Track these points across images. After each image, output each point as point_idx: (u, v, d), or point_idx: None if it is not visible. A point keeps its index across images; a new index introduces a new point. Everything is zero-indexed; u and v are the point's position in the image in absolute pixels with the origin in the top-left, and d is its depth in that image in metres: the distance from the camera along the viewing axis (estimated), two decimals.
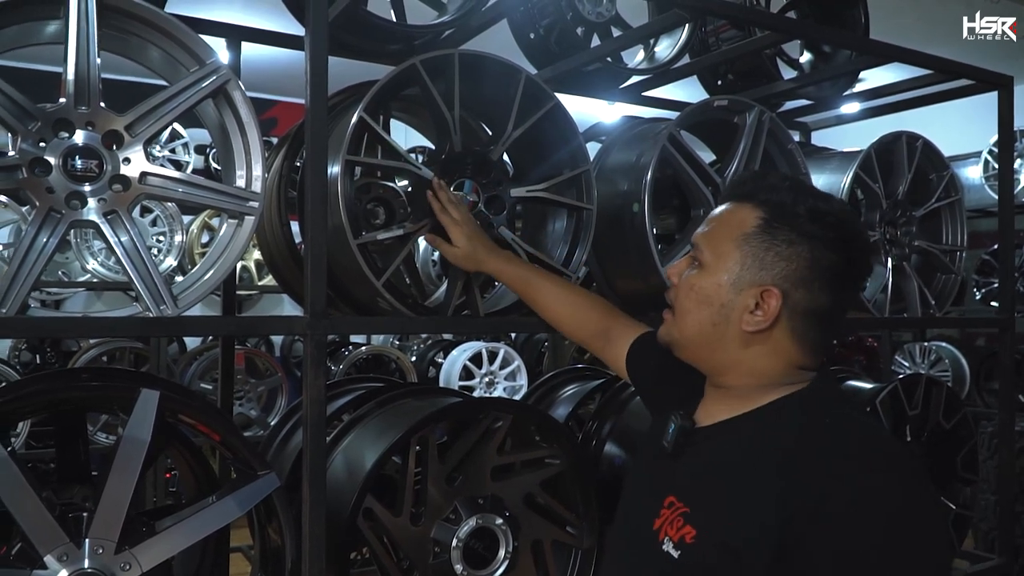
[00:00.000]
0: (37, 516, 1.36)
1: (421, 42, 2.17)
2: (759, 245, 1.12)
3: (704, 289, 1.16)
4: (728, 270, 1.14)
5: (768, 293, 1.11)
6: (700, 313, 1.16)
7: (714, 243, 1.16)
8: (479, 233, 1.68)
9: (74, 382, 1.73)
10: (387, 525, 1.73)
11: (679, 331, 1.20)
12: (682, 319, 1.19)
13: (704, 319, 1.16)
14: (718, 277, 1.14)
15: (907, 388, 2.42)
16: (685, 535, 1.08)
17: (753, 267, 1.12)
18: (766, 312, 1.11)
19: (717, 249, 1.15)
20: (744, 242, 1.13)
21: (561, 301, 1.62)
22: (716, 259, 1.15)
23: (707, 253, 1.17)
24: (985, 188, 5.68)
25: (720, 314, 1.14)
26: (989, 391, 5.88)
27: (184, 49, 1.54)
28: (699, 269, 1.17)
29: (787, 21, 2.64)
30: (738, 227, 1.14)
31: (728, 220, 1.16)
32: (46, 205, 1.42)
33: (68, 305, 6.05)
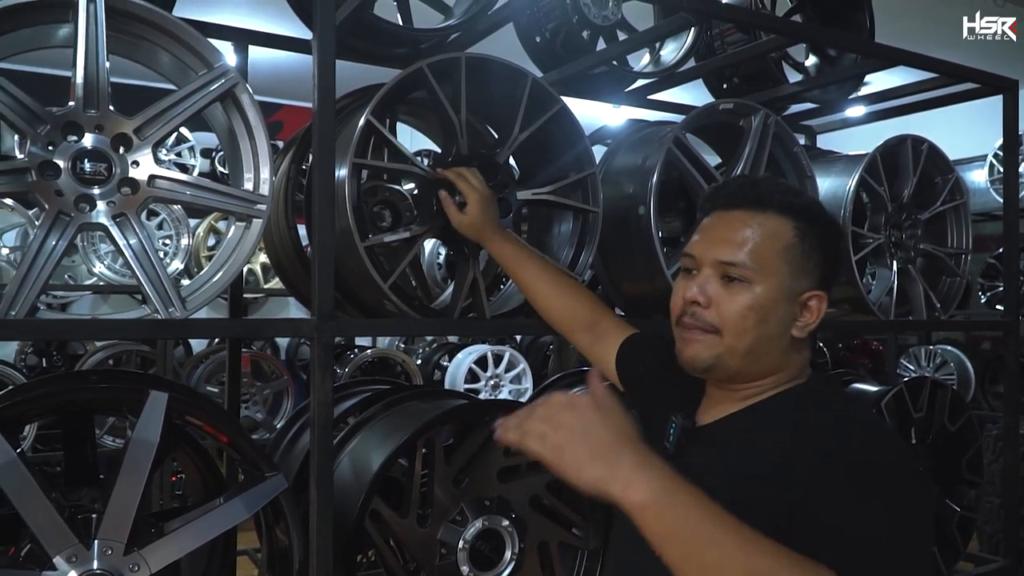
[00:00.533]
0: (46, 517, 1.37)
1: (427, 46, 2.17)
2: (800, 254, 1.16)
3: (764, 306, 1.15)
4: (779, 282, 1.15)
5: (818, 298, 1.17)
6: (761, 330, 1.16)
7: (760, 258, 1.16)
8: (491, 207, 1.67)
9: (83, 384, 1.74)
10: (394, 527, 1.73)
11: (730, 352, 1.17)
12: (740, 339, 1.16)
13: (764, 335, 1.16)
14: (773, 292, 1.15)
15: (912, 391, 2.42)
16: None
17: (799, 275, 1.16)
18: (816, 315, 1.17)
19: (764, 264, 1.15)
20: (786, 252, 1.16)
21: (552, 288, 1.61)
22: (764, 274, 1.15)
23: (753, 268, 1.16)
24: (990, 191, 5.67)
25: (779, 327, 1.16)
26: (994, 394, 5.87)
27: (193, 53, 1.55)
28: (746, 286, 1.16)
29: (792, 25, 2.65)
30: (777, 239, 1.16)
31: (763, 233, 1.17)
32: (55, 208, 1.42)
33: (74, 308, 6.07)
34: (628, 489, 0.90)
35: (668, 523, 0.89)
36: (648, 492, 0.90)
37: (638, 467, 0.91)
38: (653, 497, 0.90)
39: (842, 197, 2.26)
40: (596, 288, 2.42)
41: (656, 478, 0.91)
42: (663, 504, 0.90)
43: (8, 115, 1.38)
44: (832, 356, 6.10)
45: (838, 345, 6.34)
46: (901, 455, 1.05)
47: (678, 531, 0.89)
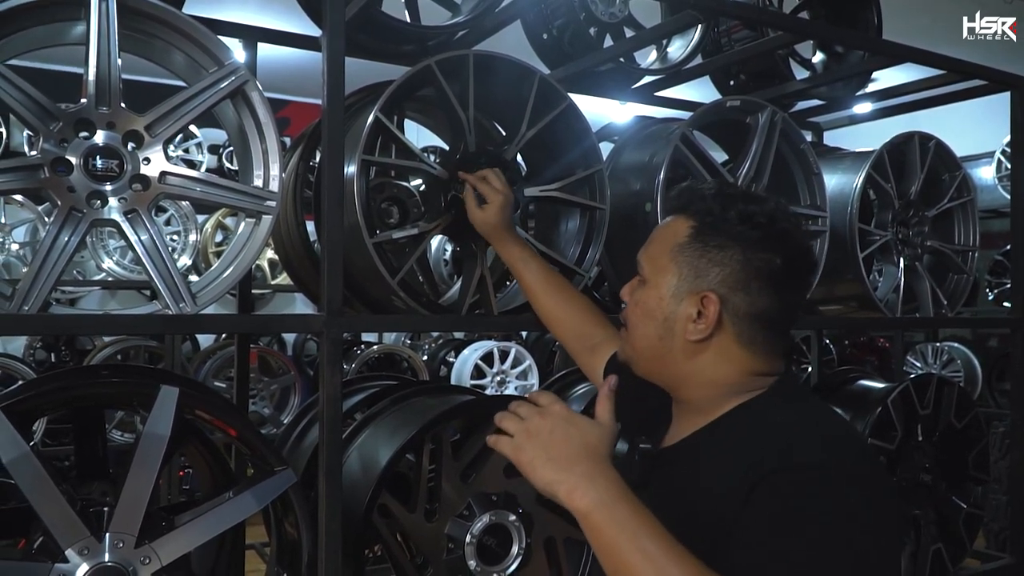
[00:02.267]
0: (59, 510, 1.39)
1: (435, 43, 2.18)
2: (692, 254, 1.13)
3: (647, 303, 1.17)
4: (667, 282, 1.15)
5: (706, 299, 1.11)
6: (646, 328, 1.17)
7: (652, 258, 1.18)
8: (509, 209, 1.68)
9: (95, 379, 1.76)
10: (402, 521, 1.74)
11: (631, 347, 1.22)
12: (632, 335, 1.21)
13: (650, 333, 1.17)
14: (659, 290, 1.15)
15: (919, 388, 2.42)
16: None
17: (689, 276, 1.13)
18: (707, 319, 1.11)
19: (655, 263, 1.17)
20: (679, 253, 1.14)
21: (552, 296, 1.63)
22: (655, 273, 1.17)
23: (647, 268, 1.18)
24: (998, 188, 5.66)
25: (664, 327, 1.15)
26: (1001, 391, 5.86)
27: (203, 50, 1.56)
28: (642, 285, 1.19)
29: (800, 22, 2.65)
30: (672, 239, 1.16)
31: (663, 234, 1.18)
32: (67, 204, 1.44)
33: (83, 303, 6.10)
34: (573, 495, 0.95)
35: (606, 533, 0.92)
36: (590, 500, 0.94)
37: (587, 476, 0.96)
38: (593, 506, 0.93)
39: (849, 194, 2.26)
40: (602, 284, 2.43)
41: (602, 488, 0.94)
42: (602, 514, 0.93)
43: (21, 112, 1.40)
44: (838, 353, 6.10)
45: (844, 342, 6.34)
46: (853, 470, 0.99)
47: (614, 542, 0.92)
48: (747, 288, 1.10)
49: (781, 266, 1.11)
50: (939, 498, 2.47)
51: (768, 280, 1.10)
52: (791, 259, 1.12)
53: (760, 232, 1.10)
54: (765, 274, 1.10)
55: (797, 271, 1.15)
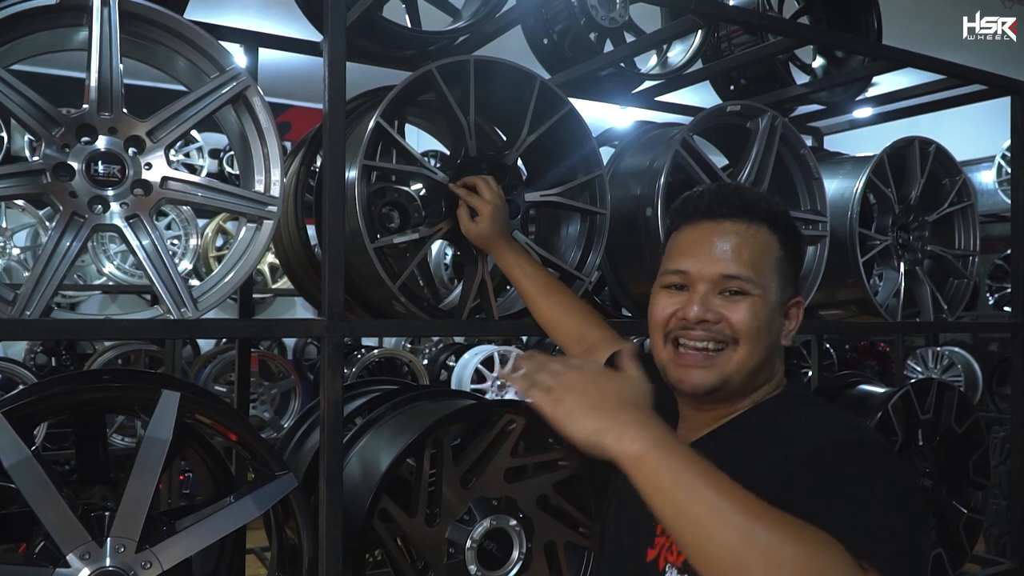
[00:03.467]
0: (60, 515, 1.38)
1: (436, 48, 2.19)
2: (787, 267, 1.19)
3: (767, 316, 1.16)
4: (772, 295, 1.17)
5: (798, 304, 1.20)
6: (766, 339, 1.17)
7: (758, 271, 1.16)
8: (501, 217, 1.69)
9: (96, 383, 1.76)
10: (402, 526, 1.74)
11: (741, 364, 1.16)
12: (755, 348, 1.16)
13: (768, 344, 1.17)
14: (768, 303, 1.16)
15: (919, 392, 2.42)
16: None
17: (783, 286, 1.19)
18: (796, 321, 1.20)
19: (763, 277, 1.16)
20: (778, 265, 1.18)
21: (548, 300, 1.65)
22: (764, 288, 1.16)
23: (755, 281, 1.16)
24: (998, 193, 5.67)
25: (774, 338, 1.18)
26: (1001, 396, 5.86)
27: (205, 56, 1.57)
28: (747, 299, 1.15)
29: (800, 27, 2.65)
30: (770, 252, 1.18)
31: (757, 245, 1.17)
32: (69, 209, 1.44)
33: (83, 308, 6.11)
34: (623, 439, 0.88)
35: (664, 476, 0.85)
36: (644, 442, 0.87)
37: (636, 422, 0.90)
38: (648, 447, 0.87)
39: (849, 199, 2.26)
40: (603, 289, 2.44)
41: (655, 431, 0.89)
42: (659, 455, 0.86)
43: (23, 117, 1.40)
44: (839, 358, 6.10)
45: (845, 347, 6.33)
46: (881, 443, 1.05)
47: (673, 484, 0.85)
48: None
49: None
50: (940, 503, 2.47)
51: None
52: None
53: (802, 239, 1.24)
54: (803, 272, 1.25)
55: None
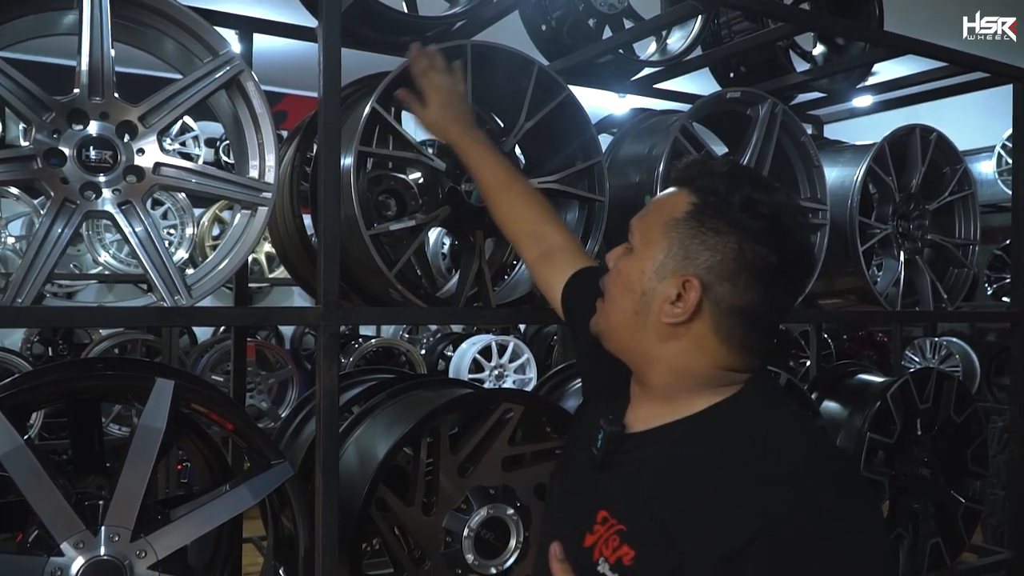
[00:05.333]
0: (54, 504, 1.37)
1: (433, 33, 2.16)
2: (686, 232, 1.06)
3: (629, 274, 1.10)
4: (653, 257, 1.08)
5: (688, 283, 1.05)
6: (623, 300, 1.11)
7: (645, 228, 1.11)
8: (455, 105, 1.59)
9: (90, 371, 1.74)
10: (399, 515, 1.73)
11: (604, 318, 1.16)
12: (607, 306, 1.15)
13: (626, 306, 1.10)
14: (643, 263, 1.09)
15: (918, 382, 2.42)
16: (623, 556, 1.03)
17: (678, 255, 1.06)
18: (685, 304, 1.05)
19: (647, 234, 1.10)
20: (672, 228, 1.07)
21: (509, 189, 1.53)
22: (644, 245, 1.10)
23: (637, 237, 1.12)
24: (998, 183, 5.66)
25: (641, 302, 1.09)
26: (999, 386, 5.87)
27: (198, 40, 1.55)
28: (628, 254, 1.13)
29: (800, 13, 2.63)
30: (669, 212, 1.08)
31: (661, 205, 1.11)
32: (61, 196, 1.42)
33: (80, 297, 6.09)
34: None
35: None
36: None
37: None
38: None
39: (849, 187, 2.25)
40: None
41: None
42: None
43: (13, 102, 1.38)
44: (837, 347, 6.10)
45: (843, 336, 6.34)
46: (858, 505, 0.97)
47: None
48: (735, 280, 1.04)
49: (776, 265, 1.04)
50: (938, 492, 2.47)
51: (759, 276, 1.04)
52: (788, 259, 1.05)
53: (761, 224, 1.03)
54: (757, 269, 1.03)
55: (792, 273, 1.08)
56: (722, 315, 1.05)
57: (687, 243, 1.06)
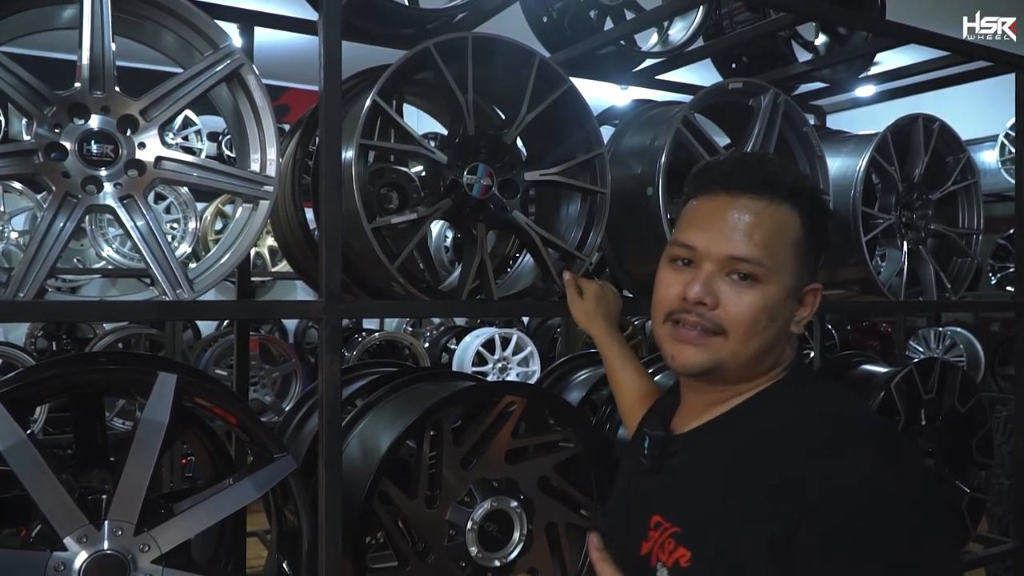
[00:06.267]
0: (57, 498, 1.38)
1: (434, 26, 2.16)
2: (807, 250, 1.08)
3: (774, 306, 1.06)
4: (788, 281, 1.07)
5: (815, 291, 1.10)
6: (769, 330, 1.06)
7: (772, 255, 1.05)
8: (607, 302, 1.71)
9: (92, 365, 1.75)
10: (402, 508, 1.74)
11: (733, 356, 1.07)
12: (747, 342, 1.06)
13: (771, 334, 1.07)
14: (782, 291, 1.06)
15: (922, 372, 2.41)
16: (680, 559, 1.02)
17: (800, 271, 1.08)
18: (812, 308, 1.10)
19: (776, 261, 1.05)
20: (796, 247, 1.07)
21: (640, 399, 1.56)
22: (777, 273, 1.05)
23: (767, 267, 1.05)
24: (1001, 172, 5.64)
25: (784, 325, 1.09)
26: (1003, 376, 5.86)
27: (198, 33, 1.54)
28: (756, 285, 1.05)
29: (802, 2, 2.61)
30: (787, 232, 1.06)
31: (774, 225, 1.06)
32: (62, 190, 1.42)
33: (83, 292, 6.10)
34: None
35: None
36: None
37: None
38: None
39: (852, 177, 2.24)
40: (604, 270, 2.42)
41: None
42: None
43: (15, 96, 1.38)
44: (841, 338, 6.09)
45: (847, 327, 6.33)
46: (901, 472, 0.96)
47: None
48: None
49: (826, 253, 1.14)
50: (942, 483, 2.46)
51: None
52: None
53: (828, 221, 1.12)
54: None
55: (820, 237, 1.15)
56: None
57: (805, 258, 1.09)
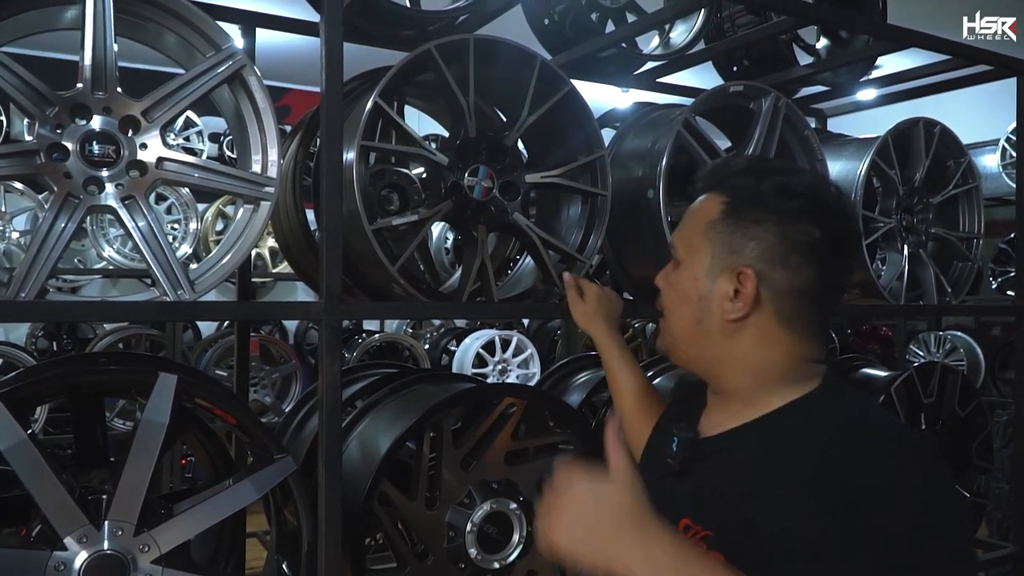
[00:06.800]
0: (57, 498, 1.38)
1: (435, 28, 2.16)
2: (726, 230, 1.10)
3: (681, 285, 1.15)
4: (700, 262, 1.12)
5: (743, 275, 1.07)
6: (682, 311, 1.15)
7: (685, 238, 1.15)
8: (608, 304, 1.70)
9: (93, 366, 1.75)
10: (402, 509, 1.74)
11: (668, 335, 1.19)
12: (668, 321, 1.18)
13: (687, 316, 1.14)
14: (692, 271, 1.13)
15: (922, 376, 2.41)
16: None
17: (723, 253, 1.10)
18: (744, 295, 1.07)
19: (689, 243, 1.14)
20: (711, 230, 1.11)
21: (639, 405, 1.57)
22: (689, 254, 1.14)
23: (680, 249, 1.16)
24: (1002, 176, 5.64)
25: (701, 308, 1.12)
26: (1004, 380, 5.85)
27: (200, 35, 1.55)
28: (677, 268, 1.16)
29: (803, 6, 2.62)
30: (704, 217, 1.13)
31: (696, 213, 1.15)
32: (64, 190, 1.43)
33: (84, 292, 6.10)
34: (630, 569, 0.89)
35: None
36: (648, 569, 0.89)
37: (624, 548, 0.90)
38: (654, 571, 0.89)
39: (853, 181, 2.24)
40: (604, 272, 2.42)
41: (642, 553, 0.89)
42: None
43: (16, 97, 1.38)
44: (841, 342, 6.09)
45: (847, 331, 6.33)
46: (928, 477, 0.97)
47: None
48: (786, 262, 1.06)
49: (821, 238, 1.06)
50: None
51: (809, 253, 1.06)
52: (833, 231, 1.08)
53: (798, 203, 1.07)
54: (805, 247, 1.06)
55: (840, 243, 1.10)
56: (782, 300, 1.08)
57: (729, 239, 1.09)
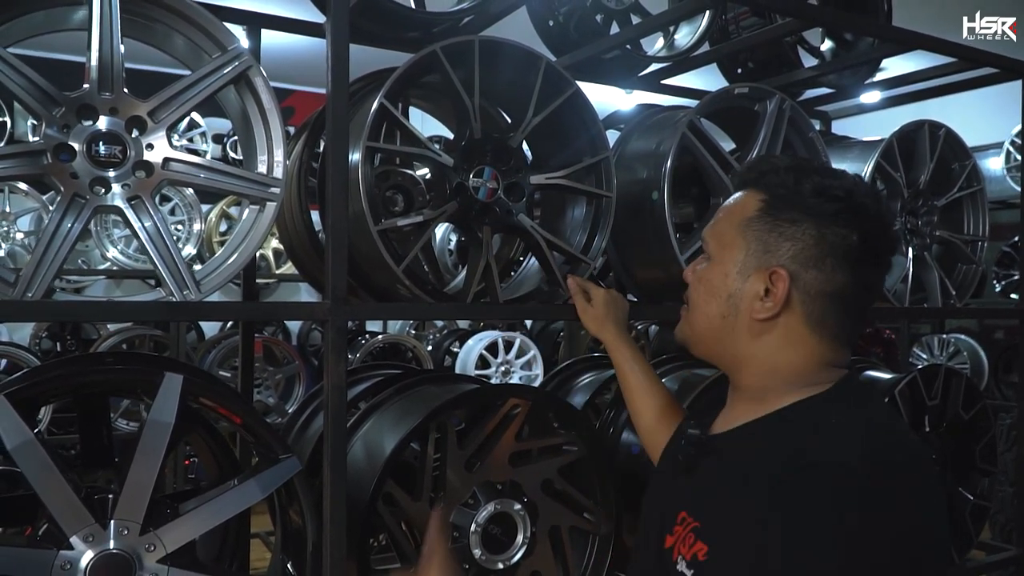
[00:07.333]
0: (64, 497, 1.38)
1: (440, 29, 2.16)
2: (762, 228, 1.09)
3: (711, 281, 1.14)
4: (733, 258, 1.11)
5: (775, 275, 1.07)
6: (709, 306, 1.14)
7: (718, 234, 1.15)
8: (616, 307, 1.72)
9: (98, 366, 1.75)
10: (406, 510, 1.74)
11: (690, 326, 1.20)
12: (693, 314, 1.18)
13: (713, 312, 1.14)
14: (724, 267, 1.12)
15: (926, 379, 2.41)
16: (697, 552, 1.03)
17: (758, 251, 1.09)
18: (775, 296, 1.07)
19: (722, 239, 1.14)
20: (747, 227, 1.10)
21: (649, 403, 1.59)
22: (721, 249, 1.14)
23: (713, 244, 1.16)
24: (1007, 179, 5.62)
25: (729, 304, 1.12)
26: (1007, 383, 5.84)
27: (206, 36, 1.55)
28: (707, 263, 1.16)
29: (808, 8, 2.62)
30: (740, 213, 1.12)
31: (732, 208, 1.15)
32: (70, 191, 1.43)
33: (88, 293, 6.11)
34: None
35: None
36: None
37: None
38: None
39: None
40: (608, 274, 2.42)
41: None
42: None
43: (24, 97, 1.39)
44: None
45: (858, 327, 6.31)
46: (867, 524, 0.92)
47: None
48: (820, 265, 1.06)
49: (858, 243, 1.06)
50: (946, 489, 2.46)
51: (844, 257, 1.06)
52: (869, 236, 1.07)
53: (836, 206, 1.06)
54: (840, 251, 1.06)
55: (875, 249, 1.10)
56: (812, 302, 1.07)
57: (765, 238, 1.09)
